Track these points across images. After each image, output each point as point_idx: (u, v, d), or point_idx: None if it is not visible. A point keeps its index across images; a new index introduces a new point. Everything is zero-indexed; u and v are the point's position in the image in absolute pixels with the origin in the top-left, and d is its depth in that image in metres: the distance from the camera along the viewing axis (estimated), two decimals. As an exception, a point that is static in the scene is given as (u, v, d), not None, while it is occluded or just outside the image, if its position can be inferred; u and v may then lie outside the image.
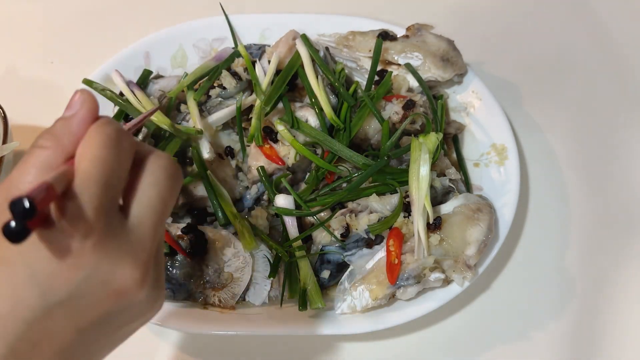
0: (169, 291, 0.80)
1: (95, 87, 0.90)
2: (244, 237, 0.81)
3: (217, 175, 0.85)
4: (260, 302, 0.82)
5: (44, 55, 1.14)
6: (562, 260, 0.91)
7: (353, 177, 0.84)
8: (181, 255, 0.80)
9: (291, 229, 0.82)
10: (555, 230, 0.93)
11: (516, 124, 1.03)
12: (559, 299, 0.87)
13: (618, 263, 0.90)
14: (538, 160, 1.00)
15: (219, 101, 0.91)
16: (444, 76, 0.95)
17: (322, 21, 1.03)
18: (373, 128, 0.89)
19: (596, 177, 0.98)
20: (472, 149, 0.95)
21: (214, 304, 0.81)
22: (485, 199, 0.85)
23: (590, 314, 0.86)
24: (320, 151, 0.87)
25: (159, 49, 1.02)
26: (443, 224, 0.80)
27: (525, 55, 1.13)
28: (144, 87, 0.97)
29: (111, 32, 1.15)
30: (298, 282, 0.81)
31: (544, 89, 1.09)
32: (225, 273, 0.81)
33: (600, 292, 0.88)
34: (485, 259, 0.82)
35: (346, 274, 0.82)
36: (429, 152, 0.78)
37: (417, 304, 0.79)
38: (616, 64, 1.12)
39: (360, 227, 0.82)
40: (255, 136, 0.86)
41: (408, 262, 0.78)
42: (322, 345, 0.84)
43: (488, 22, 1.18)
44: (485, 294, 0.88)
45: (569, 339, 0.84)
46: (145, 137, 0.89)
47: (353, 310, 0.79)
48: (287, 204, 0.82)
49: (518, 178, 0.88)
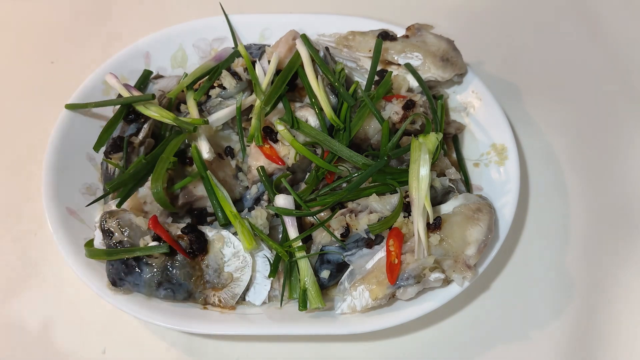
0: (169, 291, 0.80)
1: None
2: (244, 237, 0.81)
3: (217, 175, 0.85)
4: (260, 302, 0.82)
5: (44, 55, 1.14)
6: (562, 260, 0.91)
7: (353, 177, 0.84)
8: (181, 255, 0.80)
9: (291, 229, 0.82)
10: (555, 230, 0.93)
11: (516, 124, 1.03)
12: (559, 299, 0.87)
13: (618, 262, 0.90)
14: (538, 160, 1.00)
15: (219, 101, 0.91)
16: (443, 76, 0.95)
17: (322, 21, 1.03)
18: (373, 128, 0.89)
19: (596, 177, 0.98)
20: (472, 149, 0.95)
21: (214, 304, 0.81)
22: (485, 199, 0.85)
23: (590, 313, 0.86)
24: (320, 151, 0.87)
25: (159, 49, 1.02)
26: (443, 224, 0.80)
27: (525, 55, 1.13)
28: (144, 87, 0.97)
29: (111, 32, 1.15)
30: (298, 282, 0.81)
31: (544, 89, 1.09)
32: (225, 273, 0.81)
33: (600, 291, 0.88)
34: (485, 259, 0.82)
35: (346, 274, 0.82)
36: (429, 153, 0.78)
37: (417, 304, 0.79)
38: (616, 64, 1.12)
39: (360, 227, 0.82)
40: (255, 136, 0.86)
41: (408, 262, 0.78)
42: (322, 345, 0.84)
43: (488, 22, 1.18)
44: (485, 294, 0.88)
45: (569, 339, 0.84)
46: (145, 137, 0.89)
47: (353, 310, 0.79)
48: (287, 204, 0.82)
49: (518, 178, 0.88)
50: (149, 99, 0.87)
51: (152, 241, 0.80)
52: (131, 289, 0.80)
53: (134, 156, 0.88)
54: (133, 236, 0.80)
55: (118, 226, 0.80)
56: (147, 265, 0.79)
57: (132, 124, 0.90)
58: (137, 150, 0.89)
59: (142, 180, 0.86)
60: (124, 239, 0.80)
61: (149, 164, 0.85)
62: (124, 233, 0.80)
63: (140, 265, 0.79)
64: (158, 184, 0.81)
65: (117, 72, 0.96)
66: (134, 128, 0.89)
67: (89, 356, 0.84)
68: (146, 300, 0.80)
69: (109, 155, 0.88)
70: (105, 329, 0.85)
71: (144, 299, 0.80)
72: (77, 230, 0.85)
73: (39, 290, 0.89)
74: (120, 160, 0.88)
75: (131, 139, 0.88)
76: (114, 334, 0.85)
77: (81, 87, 0.96)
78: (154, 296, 0.80)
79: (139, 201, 0.85)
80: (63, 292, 0.88)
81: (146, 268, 0.79)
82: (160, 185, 0.80)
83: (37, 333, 0.85)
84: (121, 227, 0.80)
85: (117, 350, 0.84)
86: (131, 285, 0.79)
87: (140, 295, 0.81)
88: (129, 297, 0.80)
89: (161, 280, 0.79)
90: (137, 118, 0.89)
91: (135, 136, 0.89)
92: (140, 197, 0.85)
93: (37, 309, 0.87)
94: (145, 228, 0.81)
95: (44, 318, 0.87)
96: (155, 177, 0.81)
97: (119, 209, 0.83)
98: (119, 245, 0.79)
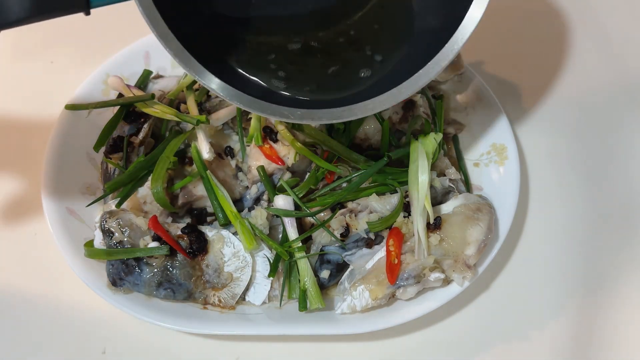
0: (169, 291, 0.80)
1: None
2: (244, 237, 0.81)
3: (217, 175, 0.85)
4: (260, 302, 0.82)
5: (44, 55, 1.14)
6: (562, 260, 0.91)
7: (353, 177, 0.84)
8: (181, 255, 0.80)
9: (290, 229, 0.82)
10: (555, 229, 0.93)
11: (516, 124, 1.03)
12: (559, 299, 0.87)
13: (618, 262, 0.90)
14: (538, 160, 1.00)
15: (219, 101, 0.91)
16: (443, 76, 0.95)
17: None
18: (373, 128, 0.89)
19: (596, 177, 0.98)
20: (472, 149, 0.95)
21: (214, 303, 0.81)
22: (485, 199, 0.85)
23: (590, 313, 0.86)
24: (320, 151, 0.87)
25: (159, 49, 1.01)
26: (443, 224, 0.80)
27: (525, 55, 1.13)
28: (144, 87, 0.97)
29: (111, 32, 1.15)
30: (298, 282, 0.81)
31: (543, 89, 1.09)
32: (225, 273, 0.81)
33: (600, 291, 0.88)
34: (485, 259, 0.82)
35: (346, 274, 0.82)
36: (429, 153, 0.78)
37: (417, 304, 0.79)
38: (616, 63, 1.12)
39: (360, 227, 0.82)
40: (255, 136, 0.86)
41: (408, 262, 0.78)
42: (322, 345, 0.84)
43: (488, 22, 1.18)
44: (485, 294, 0.88)
45: (569, 339, 0.84)
46: (145, 137, 0.89)
47: (353, 310, 0.79)
48: (286, 205, 0.82)
49: (518, 178, 0.88)
50: (148, 98, 0.87)
51: (152, 241, 0.80)
52: (131, 288, 0.80)
53: (133, 156, 0.88)
54: (133, 236, 0.80)
55: (118, 226, 0.80)
56: (147, 265, 0.79)
57: (132, 123, 0.90)
58: (137, 150, 0.89)
59: (142, 180, 0.86)
60: (125, 239, 0.80)
61: (148, 163, 0.85)
62: (124, 233, 0.80)
63: (140, 265, 0.79)
64: (158, 184, 0.81)
65: (116, 72, 0.96)
66: (134, 128, 0.89)
67: (89, 356, 0.84)
68: (146, 300, 0.80)
69: (109, 155, 0.88)
70: (105, 329, 0.85)
71: (144, 299, 0.80)
72: (77, 230, 0.85)
73: (39, 291, 0.89)
74: (120, 160, 0.88)
75: (131, 139, 0.88)
76: (114, 334, 0.85)
77: (81, 87, 0.96)
78: (154, 296, 0.81)
79: (138, 201, 0.85)
80: (63, 292, 0.88)
81: (146, 268, 0.79)
82: (160, 185, 0.81)
83: (37, 333, 0.85)
84: (121, 227, 0.80)
85: (117, 350, 0.84)
86: (131, 285, 0.80)
87: (140, 295, 0.81)
88: (129, 297, 0.80)
89: (161, 280, 0.79)
90: (137, 118, 0.90)
91: (135, 136, 0.89)
92: (140, 197, 0.85)
93: (37, 309, 0.87)
94: (146, 228, 0.81)
95: (44, 318, 0.86)
96: (155, 177, 0.81)
97: (119, 209, 0.83)
98: (119, 245, 0.79)
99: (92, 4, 0.60)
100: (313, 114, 0.65)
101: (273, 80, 0.71)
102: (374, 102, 0.65)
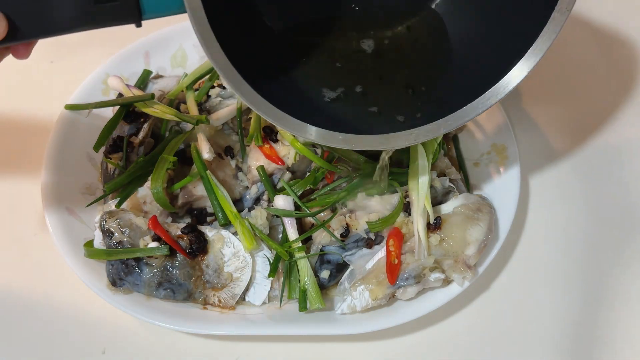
0: (169, 291, 0.80)
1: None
2: (244, 237, 0.81)
3: (217, 175, 0.85)
4: (260, 302, 0.82)
5: (44, 55, 1.14)
6: (562, 260, 0.91)
7: (353, 177, 0.84)
8: (181, 255, 0.80)
9: (290, 229, 0.82)
10: (555, 230, 0.93)
11: (516, 124, 1.03)
12: (559, 299, 0.87)
13: (618, 263, 0.90)
14: (538, 160, 1.00)
15: (219, 101, 0.91)
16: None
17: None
18: (373, 128, 0.89)
19: (596, 177, 0.98)
20: (472, 149, 0.95)
21: (214, 304, 0.81)
22: (485, 199, 0.85)
23: (590, 314, 0.86)
24: (320, 151, 0.87)
25: (159, 49, 1.02)
26: (443, 224, 0.80)
27: (525, 55, 1.13)
28: (144, 87, 0.97)
29: (111, 32, 1.15)
30: (298, 282, 0.81)
31: (543, 89, 1.09)
32: (225, 273, 0.81)
33: (600, 291, 0.88)
34: (485, 259, 0.82)
35: (346, 274, 0.82)
36: (429, 153, 0.78)
37: (417, 304, 0.79)
38: (616, 63, 1.12)
39: (360, 227, 0.82)
40: (255, 136, 0.86)
41: (408, 262, 0.78)
42: (322, 345, 0.84)
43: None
44: (485, 294, 0.88)
45: (569, 338, 0.84)
46: (145, 137, 0.89)
47: (353, 310, 0.79)
48: (286, 205, 0.82)
49: (518, 178, 0.88)
50: (148, 98, 0.87)
51: (152, 241, 0.80)
52: (131, 289, 0.80)
53: (133, 156, 0.88)
54: (133, 236, 0.80)
55: (118, 226, 0.80)
56: (147, 265, 0.79)
57: (132, 123, 0.90)
58: (137, 150, 0.89)
59: (142, 180, 0.86)
60: (125, 239, 0.80)
61: (148, 163, 0.85)
62: (124, 233, 0.80)
63: (140, 265, 0.79)
64: (158, 184, 0.81)
65: (116, 72, 0.96)
66: (134, 128, 0.89)
67: (89, 356, 0.84)
68: (146, 300, 0.80)
69: (108, 155, 0.88)
70: (105, 329, 0.85)
71: (144, 299, 0.80)
72: (77, 230, 0.85)
73: (38, 291, 0.89)
74: (120, 160, 0.88)
75: (131, 139, 0.88)
76: (114, 334, 0.85)
77: (81, 87, 0.96)
78: (154, 296, 0.80)
79: (138, 201, 0.85)
80: (63, 292, 0.88)
81: (146, 268, 0.79)
82: (160, 185, 0.81)
83: (36, 333, 0.85)
84: (121, 227, 0.80)
85: (117, 350, 0.84)
86: (131, 285, 0.79)
87: (140, 296, 0.81)
88: (129, 297, 0.80)
89: (161, 280, 0.79)
90: (137, 118, 0.90)
91: (135, 136, 0.89)
92: (140, 197, 0.85)
93: (36, 309, 0.87)
94: (145, 228, 0.81)
95: (44, 318, 0.86)
96: (155, 177, 0.81)
97: (118, 209, 0.83)
98: (119, 245, 0.79)
99: (145, 17, 0.60)
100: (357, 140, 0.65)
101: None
102: (419, 130, 0.66)
